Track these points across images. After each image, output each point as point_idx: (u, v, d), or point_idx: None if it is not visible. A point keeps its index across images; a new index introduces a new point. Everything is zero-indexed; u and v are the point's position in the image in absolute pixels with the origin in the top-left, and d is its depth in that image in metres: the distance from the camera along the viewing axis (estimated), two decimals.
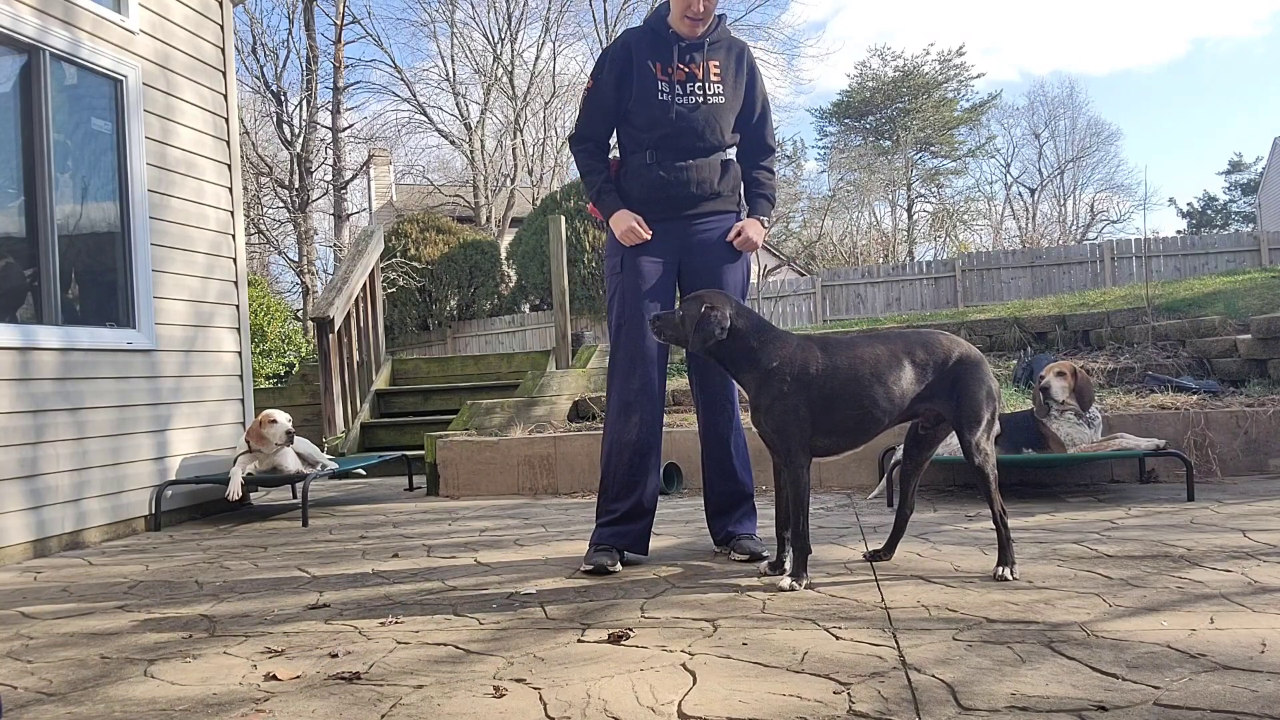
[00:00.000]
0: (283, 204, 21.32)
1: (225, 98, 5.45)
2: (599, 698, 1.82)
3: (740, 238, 3.15)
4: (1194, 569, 2.64)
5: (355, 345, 7.61)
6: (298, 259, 20.99)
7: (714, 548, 3.31)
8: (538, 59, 26.85)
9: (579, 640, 2.25)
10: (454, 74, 26.30)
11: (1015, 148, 40.35)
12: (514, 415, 6.35)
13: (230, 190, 5.44)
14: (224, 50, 5.46)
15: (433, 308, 18.92)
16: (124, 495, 4.55)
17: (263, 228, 21.17)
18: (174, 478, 4.83)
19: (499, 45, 26.06)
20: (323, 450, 5.88)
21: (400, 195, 28.53)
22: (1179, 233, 32.50)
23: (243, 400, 5.43)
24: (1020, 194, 37.68)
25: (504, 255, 19.91)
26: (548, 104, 27.35)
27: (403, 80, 25.75)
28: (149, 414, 4.72)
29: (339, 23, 22.24)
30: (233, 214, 5.44)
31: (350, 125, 23.28)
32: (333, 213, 23.14)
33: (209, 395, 5.16)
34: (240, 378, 5.42)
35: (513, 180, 25.42)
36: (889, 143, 34.85)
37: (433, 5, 29.27)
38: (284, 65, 22.06)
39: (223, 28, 5.46)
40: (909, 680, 1.84)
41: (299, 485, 4.67)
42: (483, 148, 25.68)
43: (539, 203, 20.05)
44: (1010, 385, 6.37)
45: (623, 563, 3.08)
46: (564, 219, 8.13)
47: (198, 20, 5.25)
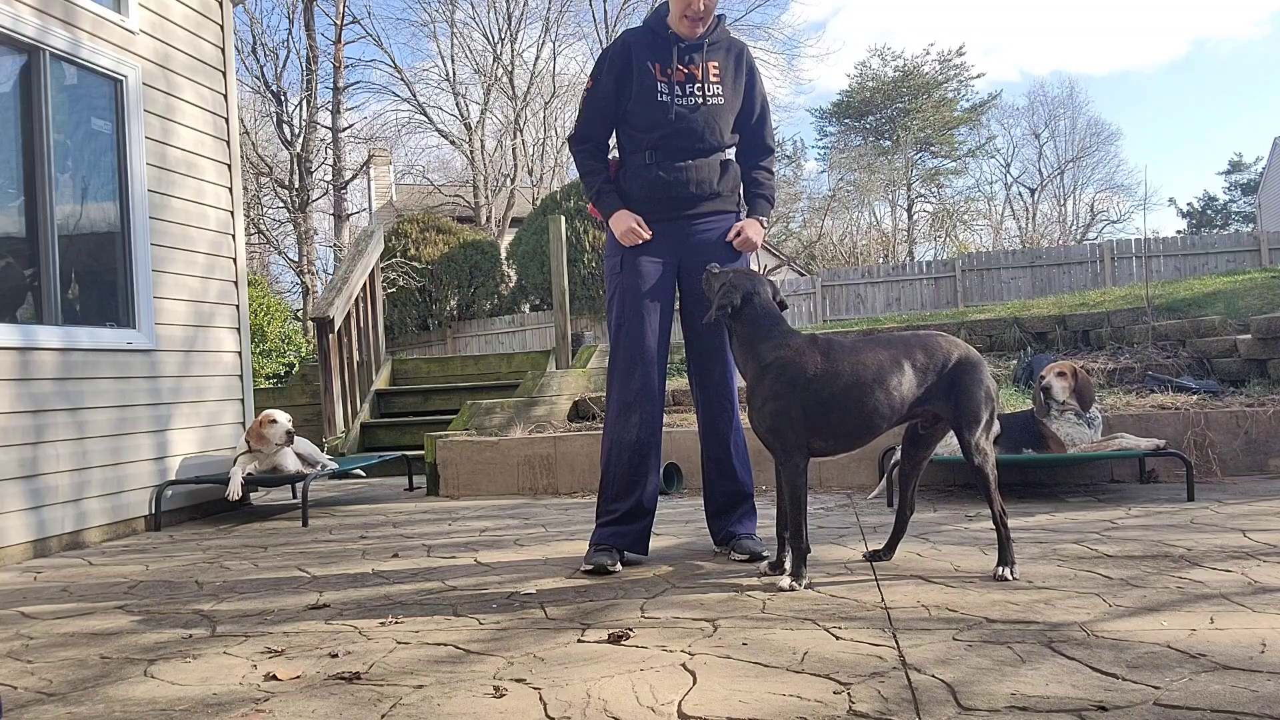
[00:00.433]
0: (283, 204, 21.32)
1: (225, 98, 5.45)
2: (599, 698, 1.83)
3: (740, 238, 3.16)
4: (1194, 569, 2.64)
5: (355, 345, 7.61)
6: (298, 259, 20.98)
7: (714, 548, 3.31)
8: (538, 59, 26.89)
9: (579, 640, 2.25)
10: (454, 74, 26.32)
11: (1015, 148, 40.44)
12: (514, 415, 6.35)
13: (230, 190, 5.44)
14: (224, 50, 5.46)
15: (433, 308, 18.92)
16: (124, 495, 4.55)
17: (263, 228, 21.17)
18: (174, 478, 4.83)
19: (499, 45, 26.06)
20: (323, 450, 5.88)
21: (400, 195, 28.53)
22: (1179, 233, 32.54)
23: (243, 400, 5.43)
24: (1020, 194, 37.74)
25: (504, 255, 19.91)
26: (548, 104, 27.35)
27: (403, 80, 25.77)
28: (149, 414, 4.72)
29: (339, 23, 22.24)
30: (233, 214, 5.45)
31: (350, 125, 23.29)
32: (333, 213, 23.14)
33: (209, 395, 5.16)
34: (240, 378, 5.43)
35: (513, 180, 25.42)
36: (889, 143, 34.86)
37: (433, 5, 29.30)
38: (284, 65, 22.05)
39: (223, 28, 5.46)
40: (909, 680, 1.84)
41: (299, 485, 4.67)
42: (483, 148, 25.68)
43: (539, 203, 20.05)
44: (1010, 385, 6.36)
45: (623, 563, 3.08)
46: (564, 219, 8.13)
47: (198, 20, 5.25)
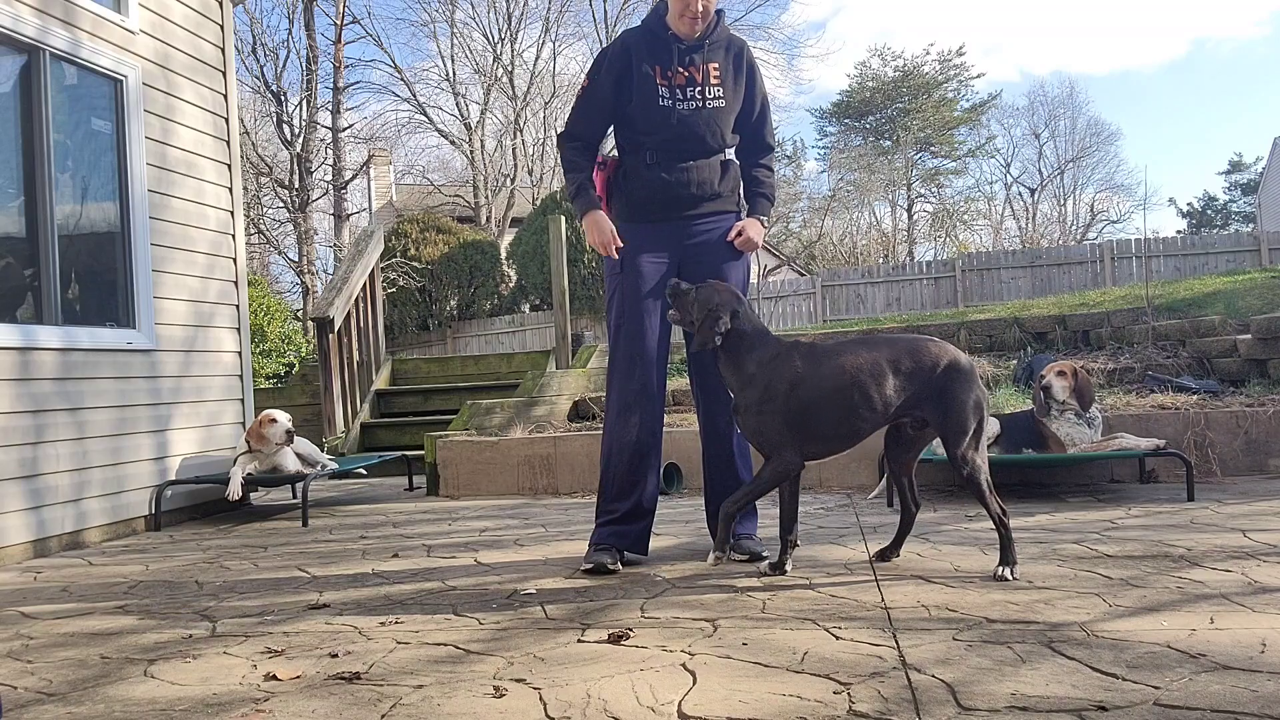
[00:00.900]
0: (283, 204, 21.32)
1: (225, 98, 5.45)
2: (599, 698, 1.83)
3: (742, 238, 3.16)
4: (1194, 569, 2.64)
5: (355, 345, 7.61)
6: (298, 259, 20.99)
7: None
8: (538, 59, 26.86)
9: (579, 640, 2.25)
10: (454, 74, 26.31)
11: (1015, 148, 40.34)
12: (514, 415, 6.35)
13: (230, 190, 5.44)
14: (224, 50, 5.46)
15: (433, 308, 18.92)
16: (124, 495, 4.55)
17: (263, 228, 21.17)
18: (174, 478, 4.82)
19: (499, 45, 26.05)
20: (323, 450, 5.88)
21: (400, 195, 28.53)
22: (1179, 233, 32.53)
23: (243, 400, 5.44)
24: (1020, 194, 37.73)
25: (504, 255, 19.91)
26: (548, 104, 27.34)
27: (403, 80, 25.76)
28: (149, 414, 4.72)
29: (339, 23, 22.24)
30: (233, 214, 5.45)
31: (350, 125, 23.30)
32: (333, 213, 23.14)
33: (209, 395, 5.16)
34: (240, 378, 5.43)
35: (513, 180, 25.41)
36: (889, 143, 34.86)
37: (433, 5, 29.28)
38: (284, 65, 22.04)
39: (223, 28, 5.46)
40: (909, 680, 1.84)
41: (299, 485, 4.67)
42: (483, 148, 25.68)
43: (539, 203, 20.04)
44: (1010, 385, 6.36)
45: (623, 563, 3.08)
46: (564, 219, 8.12)
47: (198, 20, 5.25)
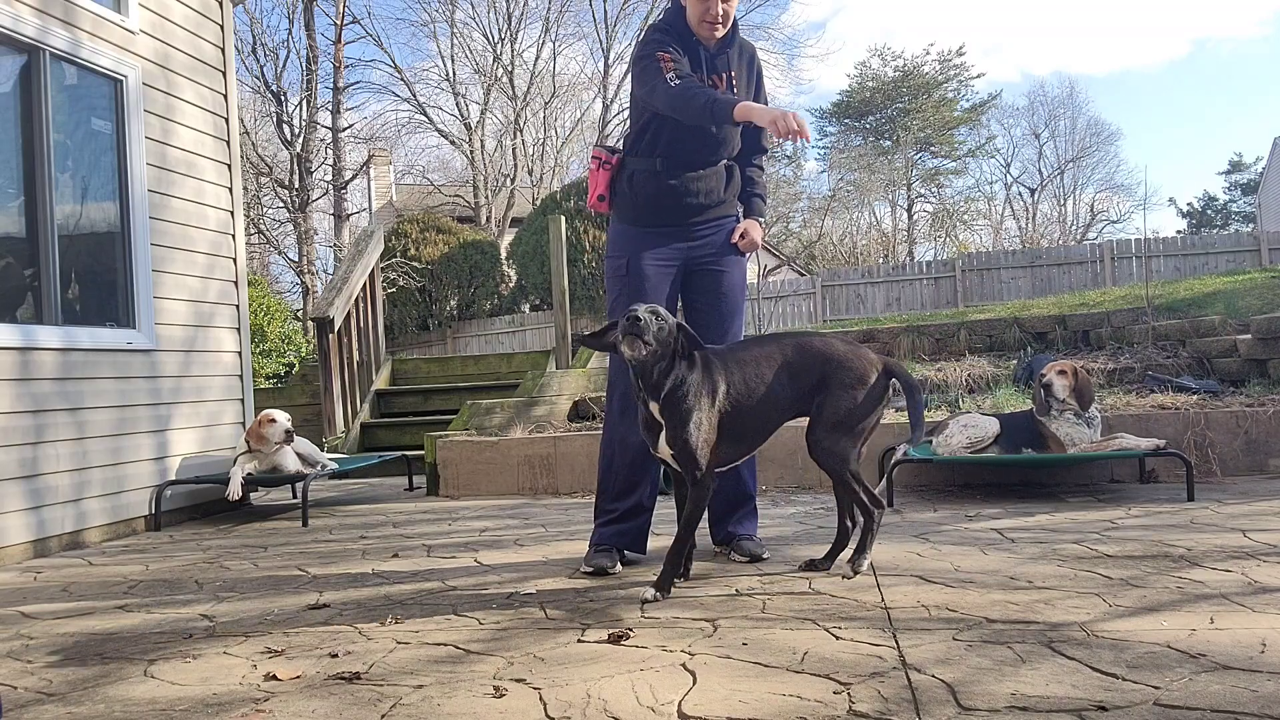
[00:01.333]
0: (283, 204, 21.32)
1: (225, 98, 5.45)
2: (599, 698, 1.83)
3: (745, 240, 3.16)
4: (1194, 569, 2.64)
5: (355, 345, 7.61)
6: (298, 259, 20.98)
7: (714, 548, 3.31)
8: (538, 59, 26.86)
9: (579, 640, 2.25)
10: (454, 74, 26.30)
11: (1015, 148, 40.29)
12: (514, 415, 6.35)
13: (230, 190, 5.44)
14: (224, 50, 5.46)
15: (433, 308, 18.91)
16: (124, 495, 4.55)
17: (263, 228, 21.16)
18: (174, 478, 4.82)
19: (499, 45, 26.05)
20: (323, 450, 5.88)
21: (400, 195, 28.52)
22: (1179, 233, 32.51)
23: (243, 400, 5.44)
24: (1020, 194, 37.74)
25: (504, 255, 19.90)
26: (548, 104, 27.35)
27: (403, 80, 25.75)
28: (149, 414, 4.72)
29: (339, 23, 22.23)
30: (233, 214, 5.45)
31: (350, 125, 23.29)
32: (333, 213, 23.14)
33: (209, 395, 5.16)
34: (240, 378, 5.43)
35: (513, 180, 25.41)
36: (889, 143, 34.85)
37: (433, 5, 29.24)
38: (284, 65, 22.02)
39: (223, 28, 5.46)
40: (909, 680, 1.84)
41: (299, 485, 4.67)
42: (483, 148, 25.68)
43: (539, 203, 20.04)
44: (1010, 385, 6.37)
45: (623, 563, 3.09)
46: (564, 219, 8.12)
47: (198, 20, 5.25)
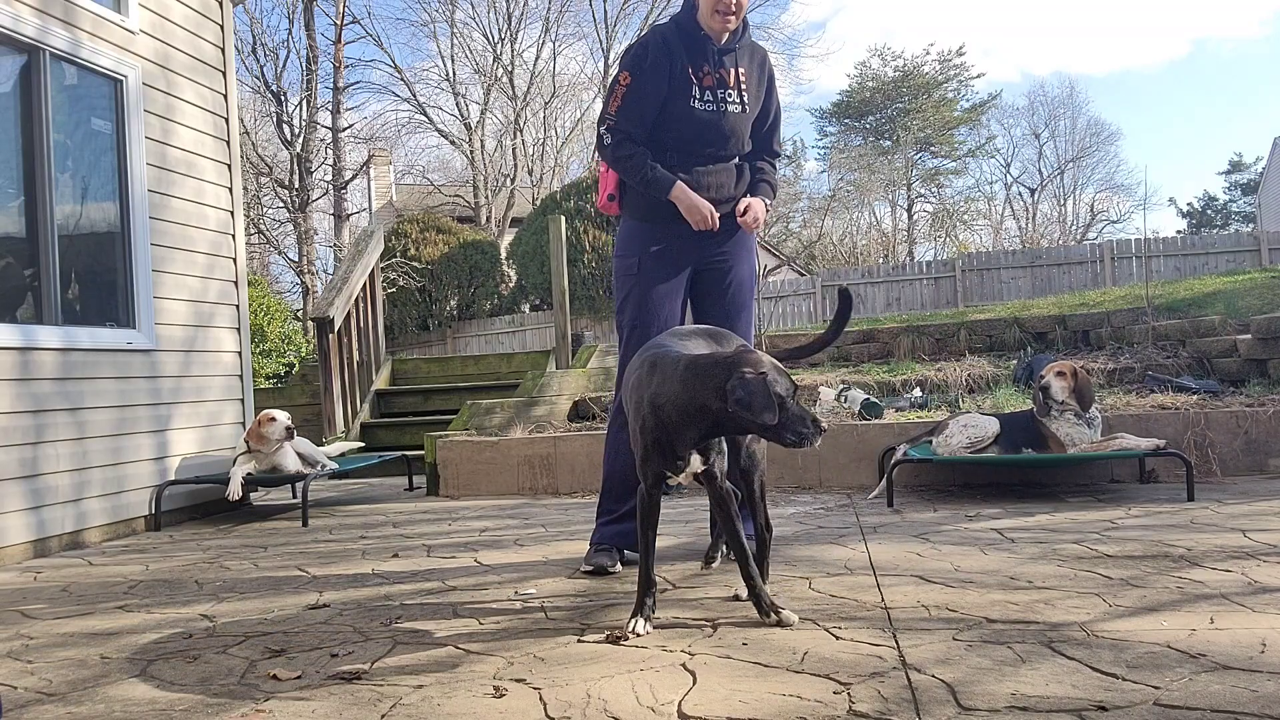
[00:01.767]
0: (283, 204, 21.32)
1: (225, 98, 5.45)
2: (599, 698, 1.83)
3: (747, 215, 3.08)
4: (1194, 569, 2.64)
5: (355, 345, 7.61)
6: (298, 259, 20.99)
7: None
8: (538, 59, 26.87)
9: (579, 640, 2.25)
10: (454, 74, 26.31)
11: (1015, 148, 40.29)
12: (514, 415, 6.35)
13: (230, 190, 5.44)
14: (224, 50, 5.46)
15: (433, 308, 18.92)
16: (124, 495, 4.55)
17: (263, 228, 21.17)
18: (174, 478, 4.82)
19: (499, 45, 26.06)
20: (329, 444, 5.89)
21: (400, 195, 28.53)
22: (1179, 233, 32.49)
23: (243, 400, 5.44)
24: (1020, 194, 37.72)
25: (504, 255, 19.91)
26: (548, 104, 27.35)
27: (403, 80, 25.77)
28: (149, 414, 4.72)
29: (339, 23, 22.24)
30: (233, 214, 5.45)
31: (350, 125, 23.30)
32: (333, 213, 23.15)
33: (209, 395, 5.16)
34: (240, 378, 5.43)
35: (513, 180, 25.41)
36: (889, 143, 34.85)
37: (433, 5, 29.30)
38: (284, 65, 22.05)
39: (223, 28, 5.46)
40: (909, 680, 1.84)
41: (299, 485, 4.68)
42: (483, 148, 25.68)
43: (539, 203, 20.05)
44: (1010, 385, 6.37)
45: (623, 562, 3.08)
46: (564, 219, 8.12)
47: (198, 20, 5.25)
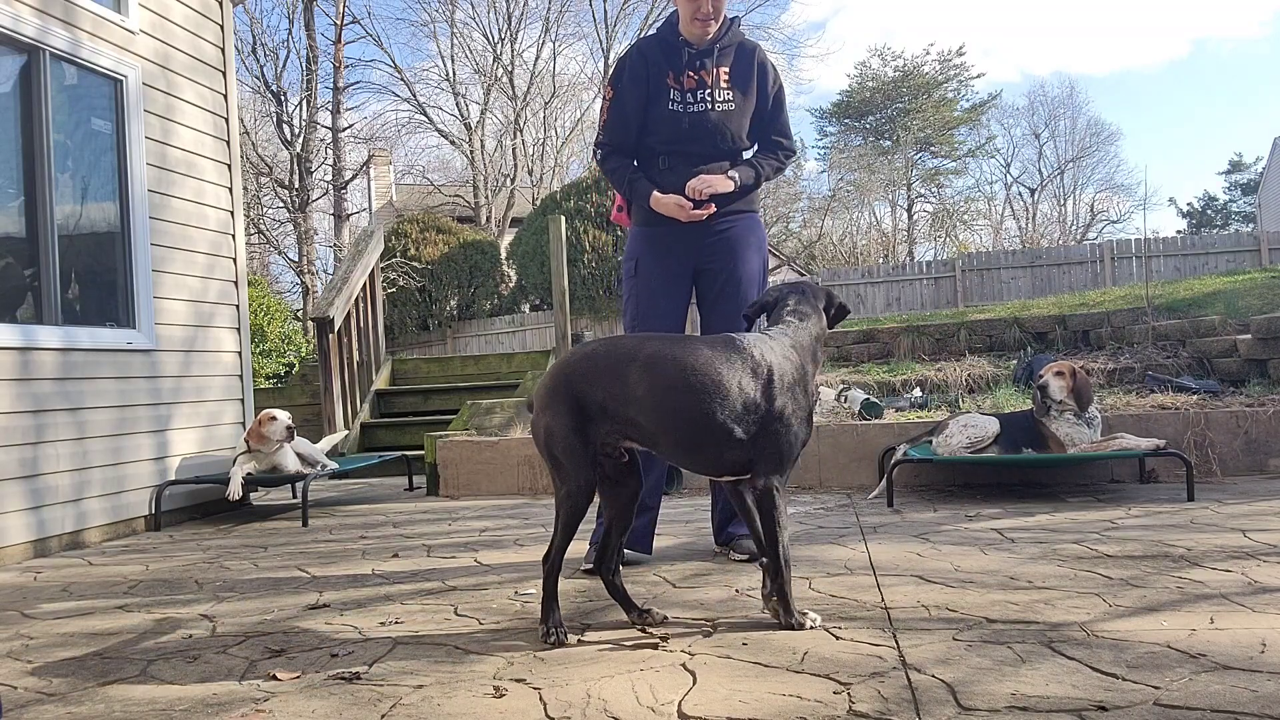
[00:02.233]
0: (283, 204, 21.31)
1: (225, 98, 5.45)
2: (599, 698, 1.83)
3: (693, 180, 3.01)
4: (1194, 569, 2.64)
5: (355, 345, 7.61)
6: (298, 259, 20.98)
7: (714, 548, 3.31)
8: (538, 59, 26.86)
9: (579, 640, 2.25)
10: (454, 74, 26.30)
11: (1015, 148, 40.27)
12: (514, 415, 6.35)
13: (230, 190, 5.44)
14: (224, 50, 5.46)
15: (433, 308, 18.91)
16: (124, 495, 4.55)
17: (263, 228, 21.16)
18: (174, 478, 4.82)
19: (499, 45, 26.05)
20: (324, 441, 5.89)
21: (400, 195, 28.53)
22: (1179, 233, 32.48)
23: (243, 400, 5.44)
24: (1020, 194, 37.71)
25: (504, 255, 19.91)
26: (548, 104, 27.35)
27: (403, 80, 25.76)
28: (149, 414, 4.72)
29: (339, 23, 22.23)
30: (233, 214, 5.45)
31: (350, 125, 23.29)
32: (333, 213, 23.14)
33: (209, 395, 5.16)
34: (240, 378, 5.42)
35: (513, 180, 25.41)
36: (889, 143, 34.84)
37: (433, 5, 29.28)
38: (284, 65, 22.02)
39: (223, 28, 5.46)
40: (909, 680, 1.84)
41: (299, 485, 4.68)
42: (483, 148, 25.68)
43: (539, 203, 20.04)
44: (1010, 385, 6.37)
45: (623, 562, 3.08)
46: (564, 219, 8.12)
47: (198, 20, 5.25)
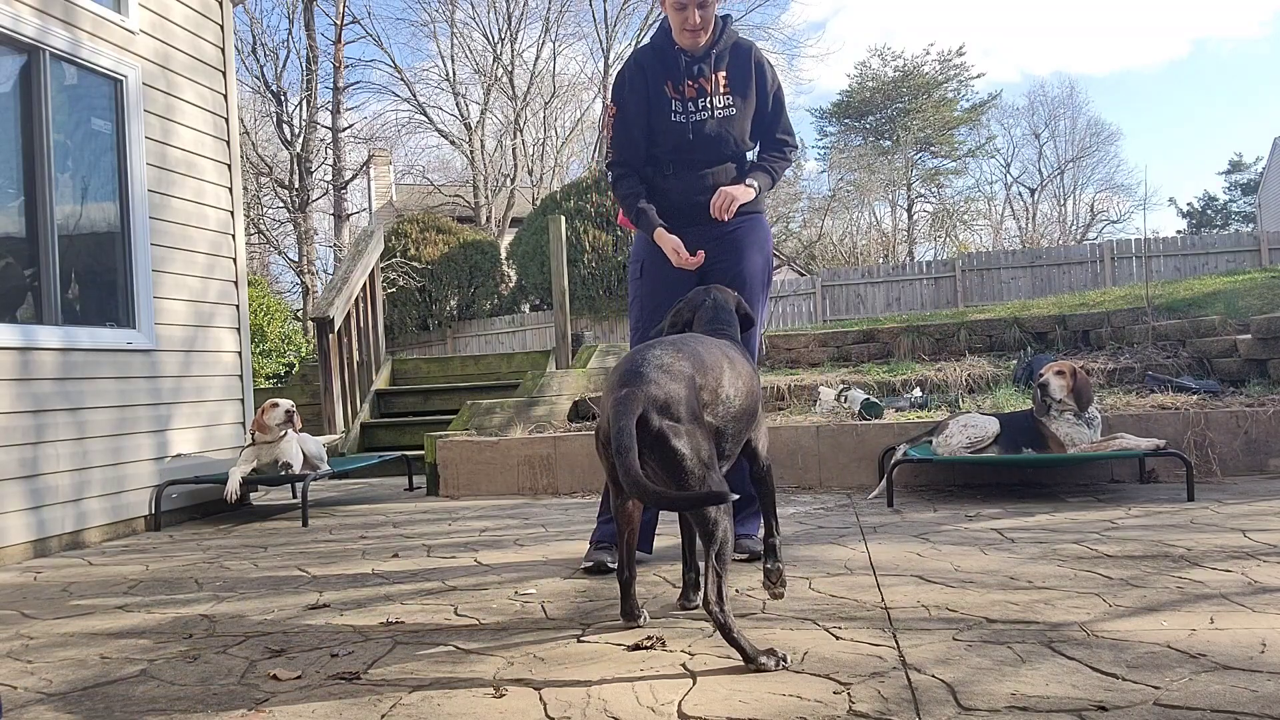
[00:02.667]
0: (283, 204, 21.32)
1: (225, 98, 5.45)
2: (599, 698, 1.83)
3: (719, 200, 3.06)
4: (1194, 569, 2.64)
5: (355, 345, 7.61)
6: (298, 259, 20.99)
7: None
8: (538, 59, 26.90)
9: (579, 640, 2.25)
10: (454, 74, 26.34)
11: (1015, 148, 40.37)
12: (514, 415, 6.35)
13: (230, 190, 5.44)
14: (224, 50, 5.46)
15: (433, 308, 18.92)
16: (124, 495, 4.55)
17: (263, 228, 21.17)
18: (174, 478, 4.82)
19: (499, 45, 26.08)
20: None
21: (400, 195, 28.54)
22: (1179, 233, 32.48)
23: (243, 400, 5.44)
24: (1020, 194, 37.72)
25: (504, 255, 19.91)
26: (548, 104, 27.37)
27: (403, 80, 25.80)
28: (149, 414, 4.72)
29: (339, 23, 22.25)
30: (233, 214, 5.45)
31: (350, 125, 23.31)
32: (333, 213, 23.15)
33: (209, 395, 5.16)
34: (240, 378, 5.43)
35: (513, 180, 25.43)
36: (889, 143, 34.84)
37: (433, 5, 29.34)
38: (284, 65, 22.06)
39: (223, 28, 5.46)
40: (909, 680, 1.84)
41: (299, 485, 4.68)
42: (483, 148, 25.69)
43: (539, 203, 20.05)
44: (1010, 385, 6.37)
45: None
46: (564, 219, 8.13)
47: (198, 20, 5.25)
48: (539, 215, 17.66)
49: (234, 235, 5.45)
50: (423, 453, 5.86)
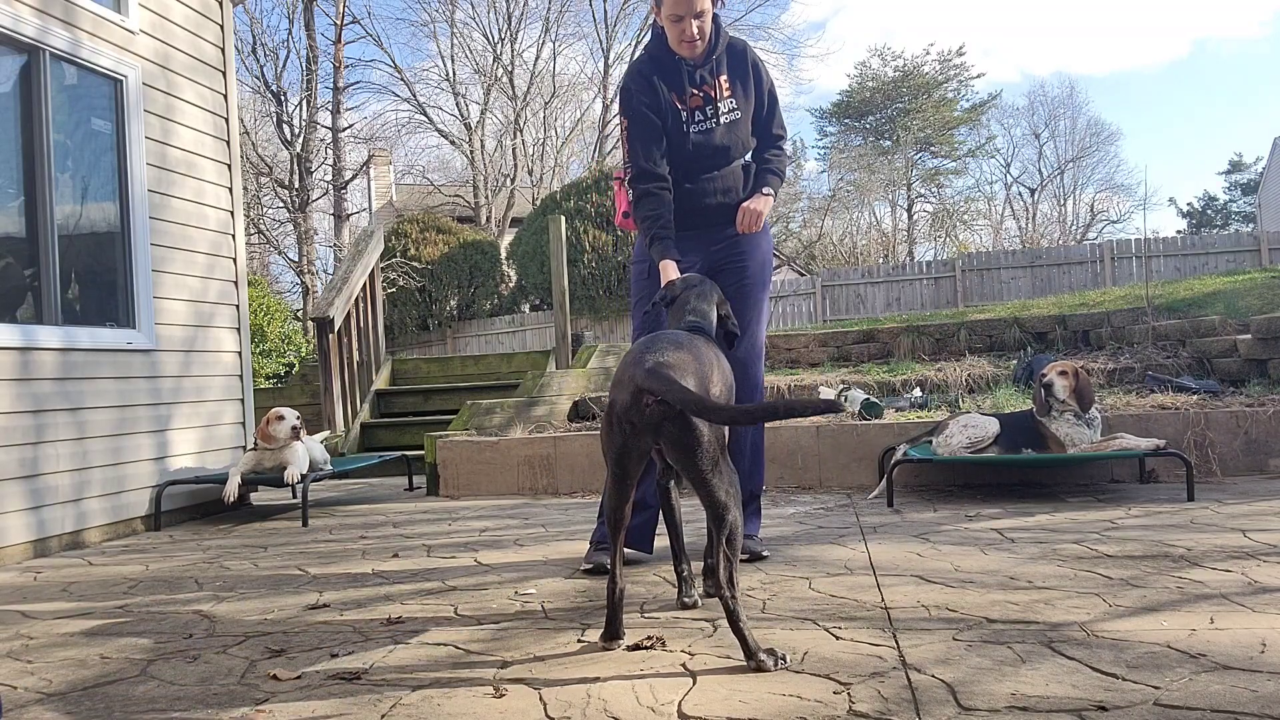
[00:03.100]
0: (283, 204, 21.32)
1: (225, 98, 5.45)
2: (599, 698, 1.83)
3: (744, 219, 3.12)
4: (1194, 569, 2.64)
5: (355, 345, 7.61)
6: (298, 259, 20.99)
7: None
8: (538, 59, 26.89)
9: (579, 640, 2.25)
10: (454, 74, 26.33)
11: (1015, 148, 40.29)
12: (514, 415, 6.35)
13: (230, 190, 5.44)
14: (224, 50, 5.46)
15: (433, 308, 18.92)
16: (124, 495, 4.55)
17: (263, 228, 21.17)
18: (174, 478, 4.82)
19: (499, 45, 26.07)
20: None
21: (400, 195, 28.54)
22: (1179, 233, 32.49)
23: (243, 400, 5.44)
24: (1020, 194, 37.73)
25: (504, 255, 19.91)
26: (548, 104, 27.36)
27: (403, 80, 25.79)
28: (149, 414, 4.72)
29: (339, 23, 22.24)
30: (233, 214, 5.45)
31: (350, 125, 23.30)
32: (333, 213, 23.15)
33: (209, 395, 5.16)
34: (240, 378, 5.43)
35: (513, 180, 25.42)
36: (889, 143, 34.84)
37: (433, 5, 29.33)
38: (284, 65, 22.04)
39: (223, 28, 5.46)
40: (909, 680, 1.84)
41: (299, 485, 4.68)
42: (483, 148, 25.69)
43: (539, 203, 20.04)
44: (1010, 385, 6.37)
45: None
46: (564, 219, 8.13)
47: (198, 20, 5.25)
48: (539, 215, 17.66)
49: (234, 235, 5.45)
50: (423, 453, 5.86)
